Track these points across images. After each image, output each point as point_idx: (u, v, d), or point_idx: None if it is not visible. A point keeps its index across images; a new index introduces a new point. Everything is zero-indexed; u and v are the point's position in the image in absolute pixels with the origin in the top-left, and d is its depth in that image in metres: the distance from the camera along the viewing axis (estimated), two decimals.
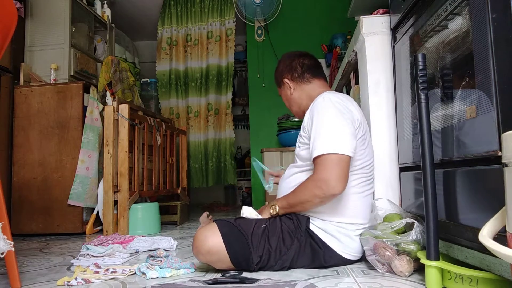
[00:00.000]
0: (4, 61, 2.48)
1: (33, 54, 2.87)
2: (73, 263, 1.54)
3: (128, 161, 2.39)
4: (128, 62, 3.91)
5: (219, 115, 4.05)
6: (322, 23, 3.86)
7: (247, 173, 4.60)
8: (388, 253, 1.18)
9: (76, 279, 1.24)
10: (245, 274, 1.23)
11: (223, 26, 4.07)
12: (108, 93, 2.76)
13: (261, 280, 1.11)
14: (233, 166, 4.01)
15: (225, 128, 4.01)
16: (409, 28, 1.36)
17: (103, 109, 2.47)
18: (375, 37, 1.56)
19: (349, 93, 2.08)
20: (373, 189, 1.43)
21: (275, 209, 1.34)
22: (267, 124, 3.84)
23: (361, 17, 1.58)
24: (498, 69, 0.85)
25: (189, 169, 3.87)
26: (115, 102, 2.44)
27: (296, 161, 1.46)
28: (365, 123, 1.40)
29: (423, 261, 1.05)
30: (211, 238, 1.25)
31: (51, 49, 2.85)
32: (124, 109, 2.41)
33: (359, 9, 2.27)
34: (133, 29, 4.71)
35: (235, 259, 1.24)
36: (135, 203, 2.44)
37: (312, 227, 1.31)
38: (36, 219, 2.52)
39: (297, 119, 3.26)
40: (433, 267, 1.02)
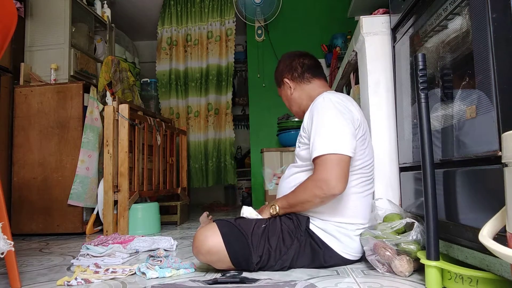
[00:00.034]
0: (4, 61, 2.48)
1: (33, 54, 2.87)
2: (73, 263, 1.54)
3: (128, 161, 2.39)
4: (128, 62, 3.91)
5: (219, 115, 4.05)
6: (322, 23, 3.86)
7: (247, 173, 4.60)
8: (388, 253, 1.18)
9: (76, 279, 1.24)
10: (245, 274, 1.23)
11: (223, 26, 4.07)
12: (108, 93, 2.76)
13: (261, 280, 1.11)
14: (233, 166, 4.01)
15: (225, 128, 4.01)
16: (409, 28, 1.36)
17: (103, 109, 2.47)
18: (375, 37, 1.56)
19: (349, 93, 2.08)
20: (373, 189, 1.43)
21: (275, 209, 1.34)
22: (267, 124, 3.84)
23: (361, 17, 1.58)
24: (498, 69, 0.85)
25: (189, 169, 3.87)
26: (115, 102, 2.44)
27: (296, 161, 1.46)
28: (365, 123, 1.40)
29: (423, 261, 1.05)
30: (211, 238, 1.25)
31: (51, 49, 2.85)
32: (124, 109, 2.41)
33: (359, 9, 2.27)
34: (133, 29, 4.71)
35: (235, 259, 1.25)
36: (135, 203, 2.44)
37: (312, 227, 1.31)
38: (36, 219, 2.52)
39: (297, 119, 3.26)
40: (433, 267, 1.02)
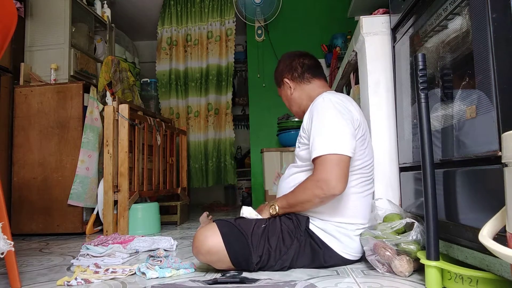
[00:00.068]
0: (4, 61, 2.48)
1: (33, 54, 2.87)
2: (73, 263, 1.54)
3: (128, 161, 2.39)
4: (128, 62, 3.91)
5: (219, 115, 4.05)
6: (322, 23, 3.86)
7: (247, 173, 4.60)
8: (388, 253, 1.18)
9: (76, 279, 1.24)
10: (245, 274, 1.23)
11: (223, 26, 4.06)
12: (108, 93, 2.76)
13: (261, 280, 1.11)
14: (233, 166, 4.01)
15: (225, 128, 4.01)
16: (409, 28, 1.36)
17: (103, 109, 2.47)
18: (375, 37, 1.56)
19: (349, 93, 2.08)
20: (373, 189, 1.43)
21: (275, 209, 1.34)
22: (267, 124, 3.84)
23: (361, 17, 1.58)
24: (498, 69, 0.85)
25: (189, 169, 3.87)
26: (115, 102, 2.44)
27: (295, 161, 1.46)
28: (365, 123, 1.40)
29: (423, 261, 1.05)
30: (211, 238, 1.25)
31: (51, 49, 2.85)
32: (124, 109, 2.41)
33: (359, 9, 2.27)
34: (133, 29, 4.71)
35: (235, 259, 1.25)
36: (135, 203, 2.44)
37: (311, 227, 1.31)
38: (36, 219, 2.52)
39: (297, 119, 3.26)
40: (433, 267, 1.02)
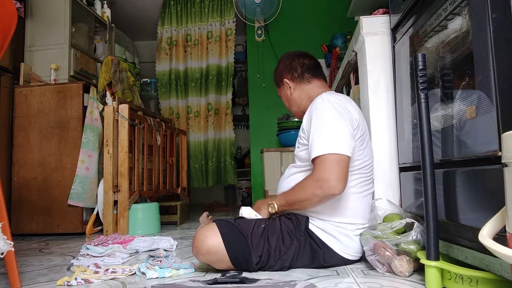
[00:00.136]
0: (4, 61, 2.48)
1: (33, 54, 2.87)
2: (73, 263, 1.54)
3: (128, 161, 2.39)
4: (128, 62, 3.91)
5: (219, 115, 4.05)
6: (322, 23, 3.86)
7: (247, 173, 4.60)
8: (388, 253, 1.18)
9: (76, 279, 1.24)
10: (245, 274, 1.23)
11: (223, 26, 4.06)
12: (108, 93, 2.76)
13: (261, 280, 1.11)
14: (233, 166, 4.01)
15: (225, 128, 4.01)
16: (409, 28, 1.36)
17: (103, 109, 2.47)
18: (375, 37, 1.56)
19: (349, 93, 2.08)
20: (372, 189, 1.43)
21: (274, 207, 1.34)
22: (267, 124, 3.84)
23: (361, 17, 1.58)
24: (498, 69, 0.85)
25: (189, 169, 3.87)
26: (115, 102, 2.44)
27: (295, 161, 1.46)
28: (364, 123, 1.40)
29: (423, 261, 1.05)
30: (211, 238, 1.25)
31: (51, 49, 2.85)
32: (124, 109, 2.41)
33: (359, 9, 2.27)
34: (133, 29, 4.71)
35: (235, 259, 1.25)
36: (135, 203, 2.44)
37: (311, 227, 1.31)
38: (36, 219, 2.52)
39: (297, 119, 3.26)
40: (433, 267, 1.02)
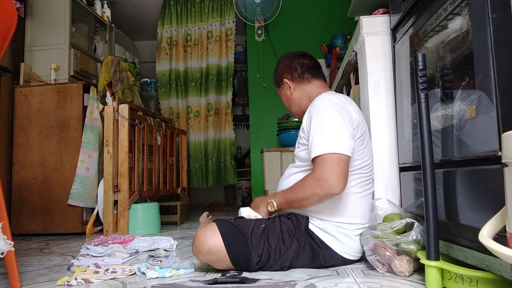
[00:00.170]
0: (4, 61, 2.48)
1: (33, 54, 2.87)
2: (73, 263, 1.54)
3: (128, 161, 2.39)
4: (128, 62, 3.91)
5: (219, 115, 4.05)
6: (322, 23, 3.86)
7: (247, 173, 4.60)
8: (388, 253, 1.18)
9: (76, 279, 1.24)
10: (245, 274, 1.23)
11: (223, 26, 4.06)
12: (108, 93, 2.76)
13: (261, 280, 1.11)
14: (233, 166, 4.01)
15: (225, 128, 4.01)
16: (409, 28, 1.36)
17: (103, 109, 2.47)
18: (375, 37, 1.56)
19: (349, 93, 2.08)
20: (372, 189, 1.43)
21: (273, 205, 1.34)
22: (267, 124, 3.84)
23: (361, 17, 1.58)
24: (498, 69, 0.85)
25: (189, 169, 3.87)
26: (115, 102, 2.44)
27: (295, 161, 1.46)
28: (364, 123, 1.40)
29: (423, 261, 1.05)
30: (211, 238, 1.25)
31: (51, 49, 2.85)
32: (124, 109, 2.41)
33: (359, 9, 2.27)
34: (133, 29, 4.71)
35: (235, 259, 1.25)
36: (135, 203, 2.44)
37: (311, 226, 1.31)
38: (36, 219, 2.52)
39: (297, 119, 3.25)
40: (433, 267, 1.02)
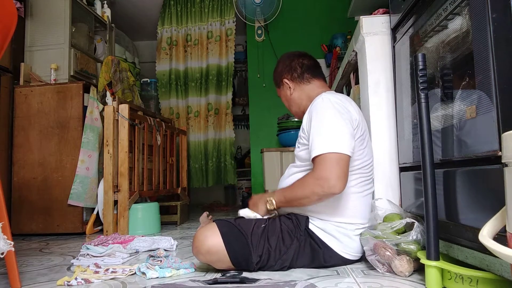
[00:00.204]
0: (4, 61, 2.48)
1: (33, 54, 2.87)
2: (73, 263, 1.54)
3: (128, 161, 2.39)
4: (128, 62, 3.91)
5: (219, 115, 4.05)
6: (322, 23, 3.86)
7: (247, 173, 4.60)
8: (388, 253, 1.18)
9: (76, 279, 1.24)
10: (245, 274, 1.23)
11: (223, 26, 4.06)
12: (108, 93, 2.76)
13: (261, 280, 1.11)
14: (233, 166, 4.01)
15: (225, 128, 4.01)
16: (409, 28, 1.36)
17: (103, 109, 2.47)
18: (375, 37, 1.56)
19: (349, 93, 2.08)
20: (372, 189, 1.43)
21: (272, 203, 1.33)
22: (267, 124, 3.84)
23: (361, 17, 1.58)
24: (498, 69, 0.85)
25: (189, 169, 3.87)
26: (115, 102, 2.44)
27: (295, 161, 1.46)
28: (364, 123, 1.40)
29: (423, 261, 1.05)
30: (211, 238, 1.25)
31: (51, 49, 2.85)
32: (124, 109, 2.41)
33: (359, 9, 2.27)
34: (133, 29, 4.70)
35: (235, 259, 1.25)
36: (135, 203, 2.44)
37: (311, 226, 1.31)
38: (36, 219, 2.52)
39: (297, 119, 3.26)
40: (433, 267, 1.02)
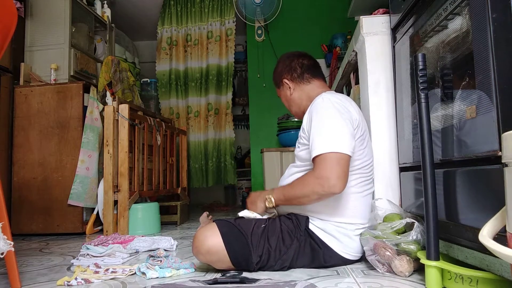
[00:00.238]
0: (4, 61, 2.48)
1: (33, 54, 2.87)
2: (73, 263, 1.54)
3: (128, 161, 2.39)
4: (128, 62, 3.91)
5: (219, 115, 4.05)
6: (322, 23, 3.86)
7: (247, 173, 4.60)
8: (388, 253, 1.18)
9: (76, 279, 1.24)
10: (245, 274, 1.23)
11: (223, 26, 4.06)
12: (108, 93, 2.76)
13: (261, 280, 1.11)
14: (233, 166, 4.01)
15: (225, 128, 4.01)
16: (409, 28, 1.36)
17: (103, 109, 2.47)
18: (375, 37, 1.56)
19: (349, 93, 2.08)
20: (372, 189, 1.43)
21: (271, 201, 1.33)
22: (267, 124, 3.84)
23: (361, 17, 1.58)
24: (498, 69, 0.85)
25: (189, 169, 3.87)
26: (115, 102, 2.44)
27: (295, 161, 1.46)
28: (364, 123, 1.40)
29: (423, 261, 1.05)
30: (211, 238, 1.25)
31: (51, 49, 2.85)
32: (124, 109, 2.41)
33: (359, 9, 2.27)
34: (133, 29, 4.70)
35: (235, 259, 1.25)
36: (135, 203, 2.44)
37: (311, 227, 1.31)
38: (36, 219, 2.52)
39: (297, 119, 3.26)
40: (433, 267, 1.02)
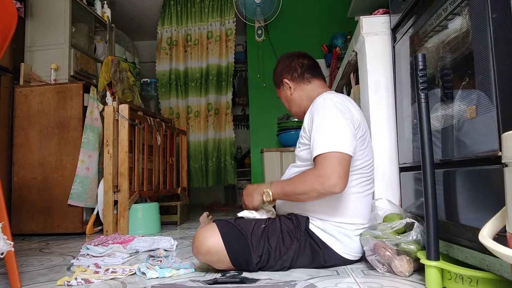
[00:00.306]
0: (4, 61, 2.48)
1: (33, 54, 2.87)
2: (73, 263, 1.54)
3: (128, 161, 2.39)
4: (128, 62, 3.91)
5: (219, 115, 4.05)
6: (322, 23, 3.86)
7: (247, 173, 4.60)
8: (388, 253, 1.18)
9: (76, 279, 1.24)
10: (245, 274, 1.23)
11: (223, 26, 4.06)
12: (108, 93, 2.76)
13: (261, 280, 1.11)
14: (233, 166, 4.01)
15: (225, 128, 4.01)
16: (409, 28, 1.36)
17: (103, 109, 2.47)
18: (375, 37, 1.56)
19: (349, 93, 2.08)
20: (373, 189, 1.43)
21: (269, 195, 1.32)
22: (267, 124, 3.84)
23: (361, 17, 1.58)
24: (498, 69, 0.85)
25: (189, 169, 3.86)
26: (115, 102, 2.44)
27: (296, 161, 1.46)
28: (365, 123, 1.40)
29: (423, 261, 1.05)
30: (211, 238, 1.25)
31: (51, 49, 2.85)
32: (124, 109, 2.41)
33: (359, 9, 2.27)
34: (133, 29, 4.70)
35: (235, 259, 1.25)
36: (135, 203, 2.44)
37: (311, 227, 1.31)
38: (36, 219, 2.52)
39: (297, 119, 3.26)
40: (433, 267, 1.02)
